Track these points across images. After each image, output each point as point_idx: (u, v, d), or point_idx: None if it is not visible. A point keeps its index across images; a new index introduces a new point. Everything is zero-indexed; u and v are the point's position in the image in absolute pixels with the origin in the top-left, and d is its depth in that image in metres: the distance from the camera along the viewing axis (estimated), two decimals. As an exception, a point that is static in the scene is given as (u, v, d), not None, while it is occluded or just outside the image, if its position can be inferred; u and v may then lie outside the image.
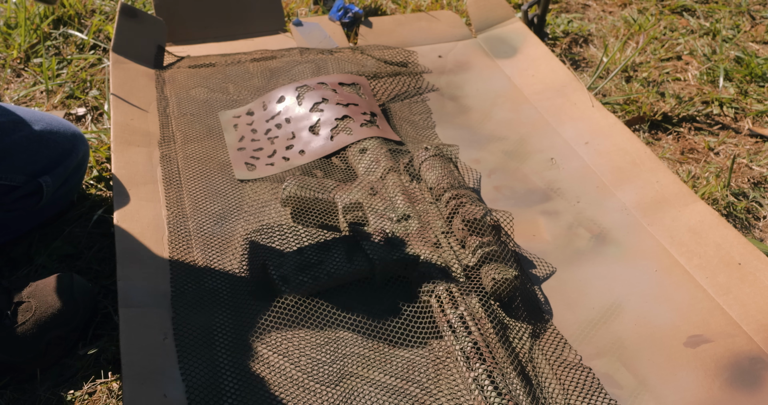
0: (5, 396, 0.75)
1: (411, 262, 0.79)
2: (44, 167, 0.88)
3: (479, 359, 0.68)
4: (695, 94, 1.31)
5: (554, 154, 1.04)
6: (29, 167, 0.87)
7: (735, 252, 0.84)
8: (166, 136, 1.02)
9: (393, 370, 0.70)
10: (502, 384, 0.66)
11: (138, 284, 0.77)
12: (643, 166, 0.98)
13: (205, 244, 0.84)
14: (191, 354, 0.71)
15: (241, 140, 1.02)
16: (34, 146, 0.88)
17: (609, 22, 1.56)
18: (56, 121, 0.93)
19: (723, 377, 0.72)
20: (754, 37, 1.51)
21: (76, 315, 0.80)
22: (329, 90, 1.06)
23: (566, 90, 1.15)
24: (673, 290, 0.82)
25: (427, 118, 1.11)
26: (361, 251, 0.79)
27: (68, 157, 0.91)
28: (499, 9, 1.35)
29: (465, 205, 0.85)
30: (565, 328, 0.77)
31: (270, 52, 1.22)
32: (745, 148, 1.18)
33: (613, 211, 0.93)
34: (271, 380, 0.69)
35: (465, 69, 1.24)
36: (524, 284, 0.81)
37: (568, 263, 0.86)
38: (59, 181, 0.90)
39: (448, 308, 0.74)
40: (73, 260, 0.92)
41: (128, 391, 0.66)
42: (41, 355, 0.77)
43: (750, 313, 0.78)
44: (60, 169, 0.90)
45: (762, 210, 1.05)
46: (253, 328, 0.74)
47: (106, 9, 1.51)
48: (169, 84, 1.13)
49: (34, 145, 0.88)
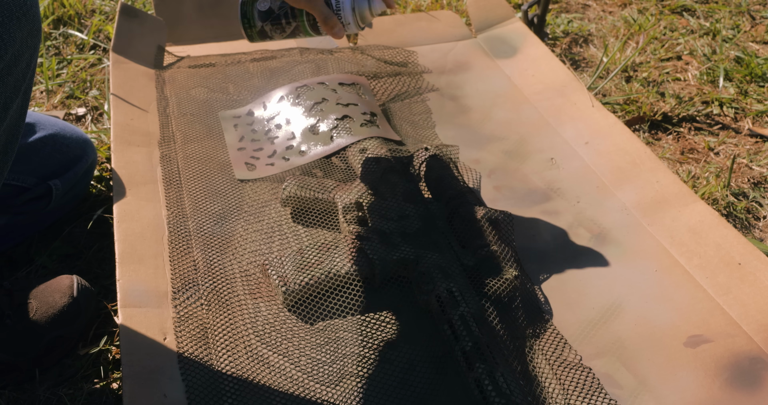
0: (5, 396, 0.75)
1: (411, 262, 0.79)
2: (55, 171, 0.89)
3: (479, 359, 0.68)
4: (695, 94, 1.31)
5: (554, 154, 1.04)
6: (40, 170, 0.88)
7: (735, 252, 0.84)
8: (166, 136, 1.02)
9: (393, 370, 0.70)
10: (502, 384, 0.66)
11: (138, 284, 0.77)
12: (643, 166, 0.98)
13: (205, 244, 0.84)
14: (191, 354, 0.71)
15: (241, 140, 1.02)
16: (47, 150, 0.89)
17: (609, 22, 1.56)
18: (68, 127, 0.94)
19: (723, 377, 0.72)
20: (754, 37, 1.51)
21: (77, 316, 0.80)
22: (329, 90, 1.06)
23: (566, 90, 1.15)
24: (673, 290, 0.82)
25: (427, 118, 1.11)
26: (361, 251, 0.79)
27: (78, 163, 0.92)
28: (499, 9, 1.35)
29: (465, 205, 0.85)
30: (565, 328, 0.77)
31: (270, 52, 1.22)
32: (745, 148, 1.18)
33: (613, 211, 0.93)
34: (271, 380, 0.69)
35: (465, 69, 1.24)
36: (524, 284, 0.81)
37: (568, 263, 0.86)
38: (68, 185, 0.91)
39: (448, 308, 0.74)
40: (73, 260, 0.92)
41: (128, 391, 0.66)
42: (42, 356, 0.77)
43: (750, 313, 0.78)
44: (70, 174, 0.91)
45: (762, 210, 1.05)
46: (253, 328, 0.74)
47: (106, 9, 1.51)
48: (169, 84, 1.13)
49: (47, 148, 0.89)
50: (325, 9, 0.79)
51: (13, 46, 0.61)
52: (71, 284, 0.81)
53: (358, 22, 0.81)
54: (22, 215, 0.89)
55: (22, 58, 0.63)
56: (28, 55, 0.65)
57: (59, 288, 0.81)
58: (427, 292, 0.76)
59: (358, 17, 0.81)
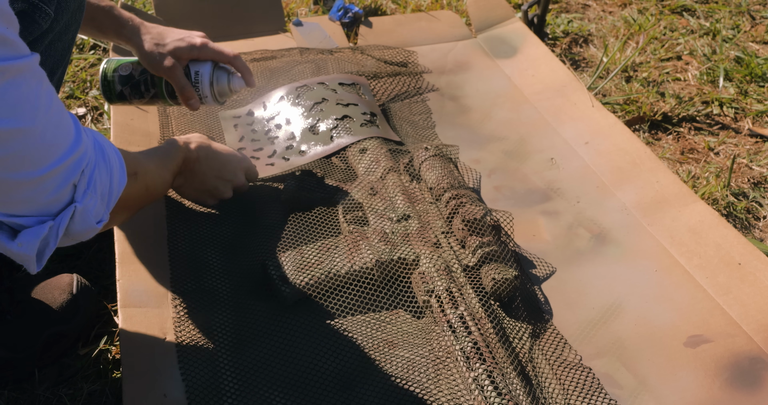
0: (5, 396, 0.75)
1: (411, 262, 0.79)
2: None
3: (479, 359, 0.68)
4: (695, 94, 1.31)
5: (554, 154, 1.04)
6: None
7: (735, 252, 0.84)
8: (166, 136, 1.01)
9: (393, 370, 0.70)
10: (502, 384, 0.66)
11: (138, 284, 0.77)
12: (643, 166, 0.98)
13: (206, 244, 0.84)
14: (191, 354, 0.71)
15: (242, 140, 1.02)
16: None
17: (609, 22, 1.56)
18: None
19: (723, 377, 0.72)
20: (754, 37, 1.51)
21: (76, 313, 0.80)
22: (329, 90, 1.06)
23: (566, 90, 1.15)
24: (673, 290, 0.82)
25: (427, 118, 1.11)
26: (361, 251, 0.79)
27: None
28: (499, 9, 1.35)
29: (465, 205, 0.85)
30: (565, 328, 0.77)
31: (270, 52, 1.22)
32: (745, 148, 1.18)
33: (613, 211, 0.93)
34: (271, 380, 0.69)
35: (465, 69, 1.24)
36: (524, 284, 0.81)
37: (568, 263, 0.86)
38: None
39: (448, 308, 0.74)
40: (73, 260, 0.92)
41: (128, 391, 0.66)
42: (41, 352, 0.77)
43: (750, 313, 0.78)
44: None
45: (762, 210, 1.05)
46: (253, 328, 0.74)
47: (106, 9, 1.51)
48: (169, 84, 1.13)
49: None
50: (184, 80, 0.81)
51: (66, 14, 0.64)
52: (71, 282, 0.81)
53: (215, 96, 0.84)
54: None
55: (70, 29, 0.66)
56: (74, 28, 0.68)
57: (59, 285, 0.81)
58: (427, 292, 0.76)
59: (216, 92, 0.83)
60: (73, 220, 0.55)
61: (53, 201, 0.53)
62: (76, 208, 0.54)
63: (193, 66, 0.82)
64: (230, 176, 0.84)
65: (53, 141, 0.51)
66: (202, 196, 0.84)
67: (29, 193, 0.51)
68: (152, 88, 0.84)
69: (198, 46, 0.81)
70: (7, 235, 0.53)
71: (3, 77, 0.46)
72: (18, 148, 0.48)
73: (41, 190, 0.51)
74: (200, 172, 0.81)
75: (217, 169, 0.83)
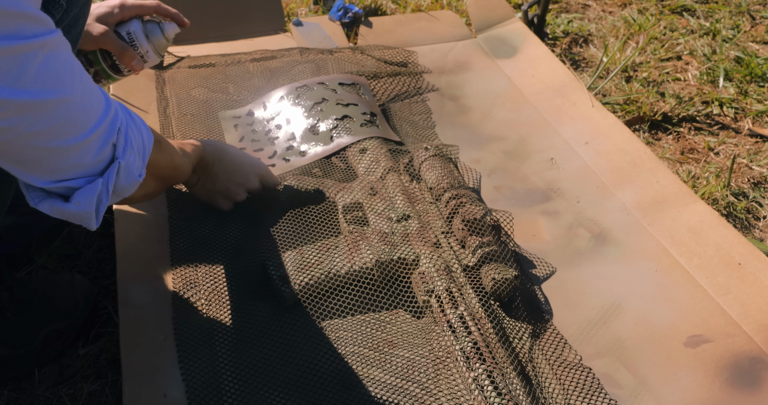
0: (4, 395, 0.75)
1: (411, 262, 0.79)
2: None
3: (479, 359, 0.68)
4: (695, 94, 1.31)
5: (554, 154, 1.04)
6: None
7: (735, 252, 0.84)
8: (166, 136, 1.01)
9: (393, 369, 0.70)
10: (502, 384, 0.66)
11: (138, 284, 0.77)
12: (643, 166, 0.98)
13: (206, 244, 0.84)
14: (191, 354, 0.71)
15: (242, 140, 1.02)
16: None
17: (609, 22, 1.56)
18: None
19: (723, 377, 0.72)
20: (754, 37, 1.51)
21: (75, 310, 0.80)
22: (329, 90, 1.06)
23: (566, 90, 1.15)
24: (673, 290, 0.82)
25: (427, 118, 1.11)
26: (361, 251, 0.79)
27: None
28: (499, 9, 1.35)
29: (465, 205, 0.85)
30: (565, 328, 0.77)
31: (270, 52, 1.22)
32: (745, 148, 1.18)
33: (613, 211, 0.93)
34: (271, 380, 0.69)
35: (465, 69, 1.24)
36: (524, 284, 0.81)
37: (568, 263, 0.86)
38: None
39: (448, 308, 0.74)
40: (73, 260, 0.92)
41: (128, 391, 0.66)
42: (40, 349, 0.77)
43: (750, 313, 0.78)
44: None
45: (762, 210, 1.05)
46: (253, 328, 0.74)
47: (106, 9, 1.51)
48: (169, 84, 1.13)
49: None
50: (119, 42, 0.81)
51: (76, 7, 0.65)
52: (70, 280, 0.82)
53: (156, 49, 0.83)
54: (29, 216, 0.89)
55: (79, 22, 0.67)
56: (83, 21, 0.69)
57: (58, 283, 0.81)
58: (427, 292, 0.76)
59: (155, 45, 0.82)
60: (119, 176, 0.59)
61: (98, 161, 0.57)
62: (120, 164, 0.58)
63: (121, 29, 0.81)
64: (242, 179, 0.85)
65: (91, 106, 0.55)
66: (214, 197, 0.85)
67: (77, 157, 0.55)
68: (90, 67, 0.83)
69: (118, 5, 0.81)
70: (61, 200, 0.57)
71: (43, 51, 0.49)
72: (64, 116, 0.52)
73: (87, 152, 0.55)
74: (213, 173, 0.82)
75: (230, 172, 0.84)
